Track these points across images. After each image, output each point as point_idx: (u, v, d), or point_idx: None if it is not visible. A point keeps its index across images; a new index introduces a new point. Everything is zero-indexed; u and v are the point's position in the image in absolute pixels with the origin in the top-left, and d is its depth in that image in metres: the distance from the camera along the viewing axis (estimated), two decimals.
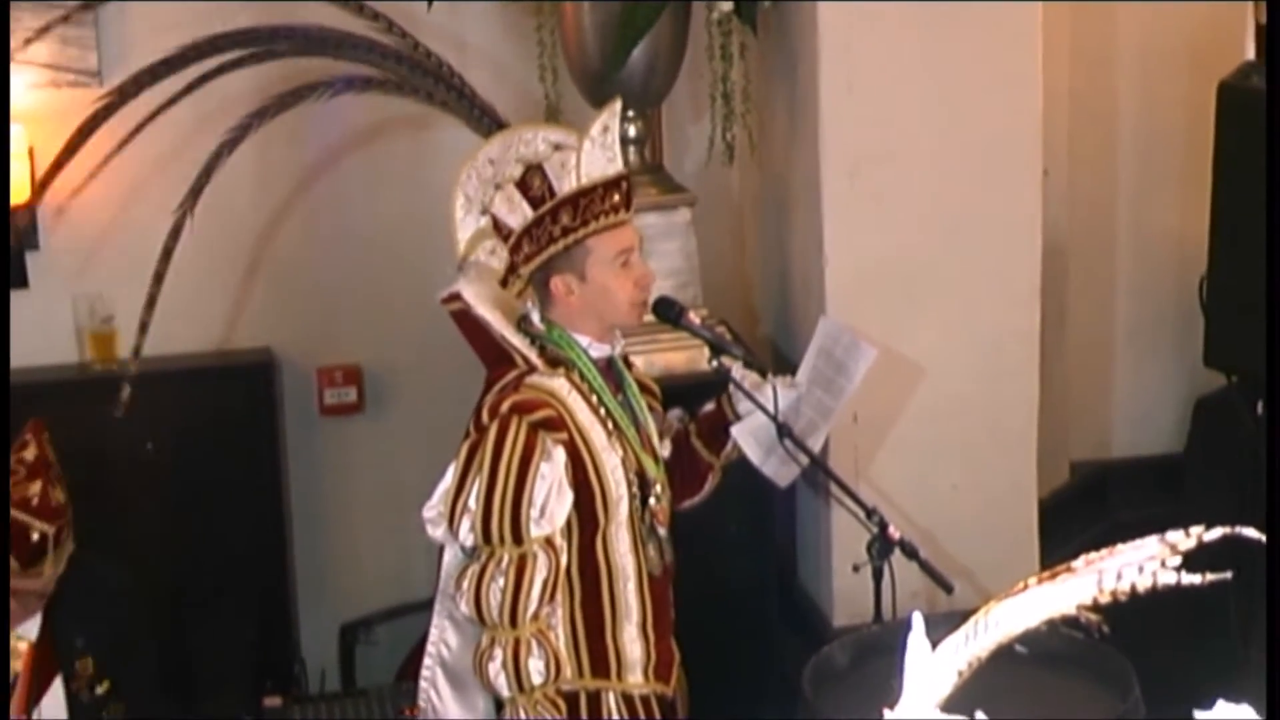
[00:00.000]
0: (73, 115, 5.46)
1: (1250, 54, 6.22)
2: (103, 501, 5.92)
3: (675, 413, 4.45)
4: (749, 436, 4.34)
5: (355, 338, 6.20)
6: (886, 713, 1.92)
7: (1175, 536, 1.76)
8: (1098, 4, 6.33)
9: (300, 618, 6.25)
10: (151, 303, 5.30)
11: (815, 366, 4.38)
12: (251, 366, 6.08)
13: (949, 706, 1.89)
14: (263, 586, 6.10)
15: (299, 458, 6.23)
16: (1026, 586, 1.84)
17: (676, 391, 4.61)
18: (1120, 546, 1.78)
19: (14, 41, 5.55)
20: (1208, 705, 1.93)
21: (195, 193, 5.30)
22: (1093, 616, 1.82)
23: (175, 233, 5.26)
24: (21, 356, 5.86)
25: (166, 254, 5.31)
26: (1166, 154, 6.48)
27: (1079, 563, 1.80)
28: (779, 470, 4.39)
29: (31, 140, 5.75)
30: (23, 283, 5.93)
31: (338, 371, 6.21)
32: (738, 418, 4.35)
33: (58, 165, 5.31)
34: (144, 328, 5.26)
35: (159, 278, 5.27)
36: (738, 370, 4.31)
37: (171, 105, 5.25)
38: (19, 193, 5.80)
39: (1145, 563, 1.73)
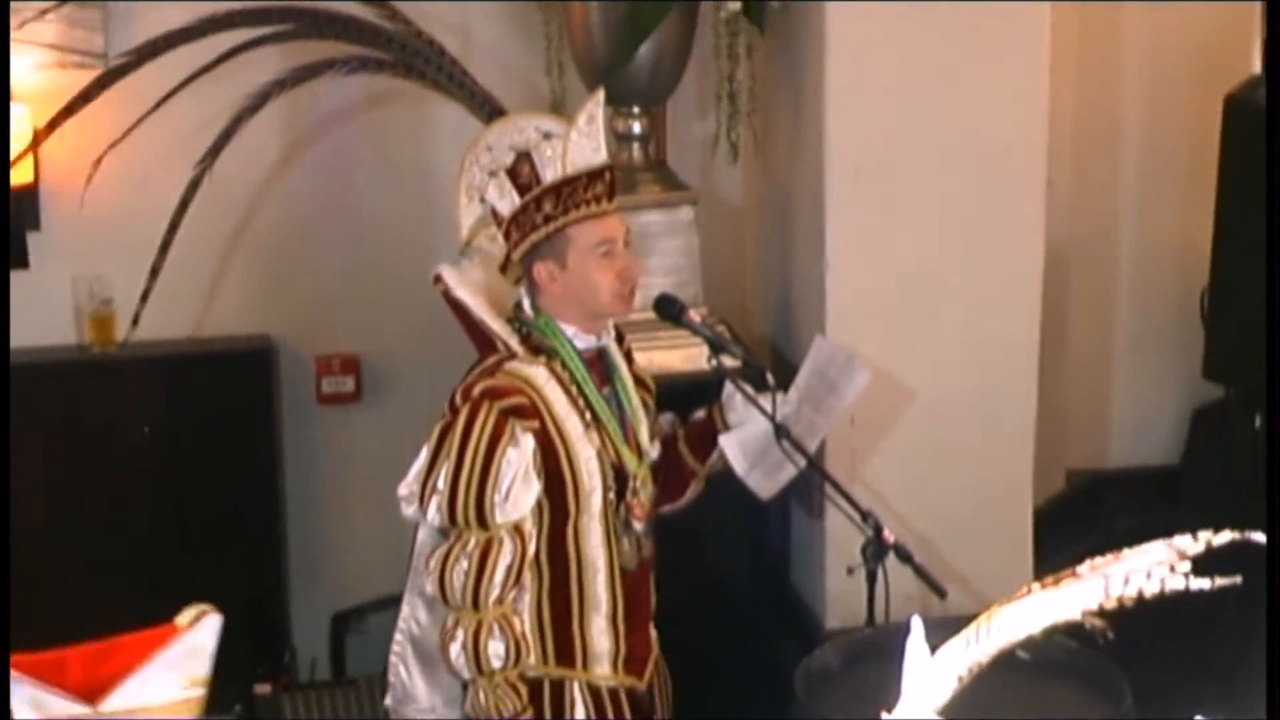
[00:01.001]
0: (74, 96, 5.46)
1: (1257, 67, 6.22)
2: (97, 483, 5.93)
3: (666, 417, 4.46)
4: (736, 447, 4.35)
5: (354, 327, 6.20)
6: (884, 715, 1.91)
7: (1183, 542, 1.75)
8: (1104, 14, 6.32)
9: (292, 606, 6.24)
10: (165, 248, 5.34)
11: (808, 385, 4.39)
12: (250, 353, 6.07)
13: (947, 711, 1.89)
14: (255, 573, 6.09)
15: (295, 446, 6.22)
16: (1030, 591, 1.83)
17: (674, 391, 4.60)
18: (1126, 551, 1.77)
19: (16, 21, 5.54)
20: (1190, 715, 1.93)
21: (215, 151, 5.34)
22: (1098, 623, 1.82)
23: (194, 185, 5.29)
24: (20, 337, 5.85)
25: (184, 204, 5.34)
26: (1171, 166, 6.48)
27: (1084, 568, 1.79)
28: (762, 483, 4.39)
29: (35, 122, 5.74)
30: (23, 263, 5.93)
31: (335, 360, 6.20)
32: (727, 428, 4.37)
33: (51, 126, 5.31)
34: (154, 272, 5.37)
35: (174, 226, 5.36)
36: (729, 364, 4.32)
37: (191, 82, 5.25)
38: (21, 173, 5.79)
39: (1153, 568, 1.72)
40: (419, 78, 5.47)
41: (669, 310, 4.37)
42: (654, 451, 4.31)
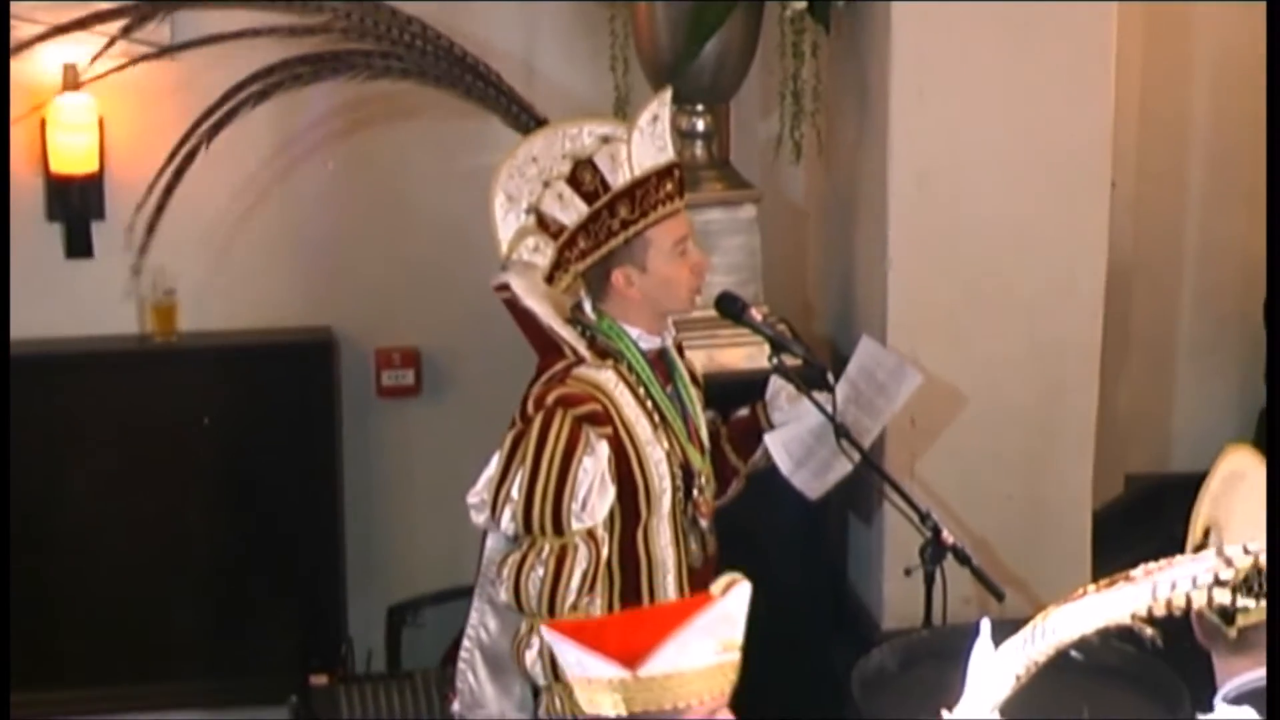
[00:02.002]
0: (143, 87, 5.49)
1: None
2: (156, 472, 5.96)
3: (709, 414, 4.44)
4: (781, 446, 4.33)
5: (414, 320, 6.20)
6: (945, 713, 1.91)
7: (1233, 552, 1.74)
8: (1171, 16, 6.28)
9: (349, 598, 6.26)
10: (170, 189, 5.38)
11: (855, 385, 4.36)
12: (311, 345, 6.09)
13: (1006, 711, 1.89)
14: (313, 565, 6.12)
15: (354, 438, 6.23)
16: (1085, 593, 1.82)
17: (735, 389, 4.60)
18: (1179, 558, 1.76)
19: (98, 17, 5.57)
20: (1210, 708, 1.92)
21: (213, 131, 5.34)
22: (1148, 629, 1.81)
23: (190, 155, 5.29)
24: (82, 326, 5.89)
25: (178, 173, 5.35)
26: (1237, 169, 6.43)
27: (1137, 572, 1.78)
28: (809, 483, 4.37)
29: (101, 111, 5.77)
30: (87, 252, 5.95)
31: (396, 353, 6.21)
32: (772, 426, 4.35)
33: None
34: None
35: (169, 190, 5.37)
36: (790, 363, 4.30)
37: (268, 96, 5.27)
38: (87, 162, 5.82)
39: (1201, 575, 1.71)
40: (449, 87, 5.48)
41: (730, 308, 4.35)
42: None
